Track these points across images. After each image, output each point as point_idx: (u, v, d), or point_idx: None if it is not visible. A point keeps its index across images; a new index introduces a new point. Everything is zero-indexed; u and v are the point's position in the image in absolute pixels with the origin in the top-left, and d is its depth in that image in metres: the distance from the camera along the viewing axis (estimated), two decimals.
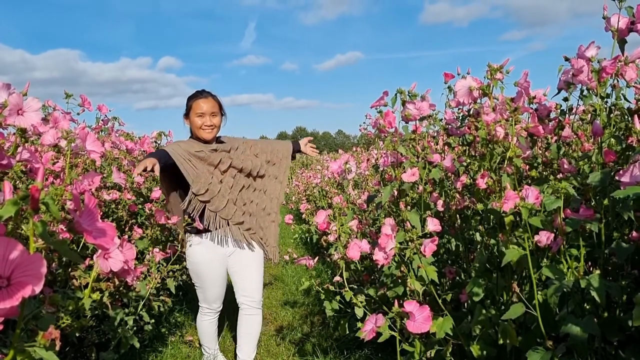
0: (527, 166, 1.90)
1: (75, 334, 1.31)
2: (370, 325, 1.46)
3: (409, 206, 2.07)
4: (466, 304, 1.93)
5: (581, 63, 1.56)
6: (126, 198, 2.69)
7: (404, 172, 1.89)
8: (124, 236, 1.20)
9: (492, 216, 1.65)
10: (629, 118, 1.49)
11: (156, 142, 3.83)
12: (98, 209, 0.77)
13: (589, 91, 1.64)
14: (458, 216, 2.07)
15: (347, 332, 2.33)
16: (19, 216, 0.64)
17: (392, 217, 1.80)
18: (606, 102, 1.54)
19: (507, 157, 1.51)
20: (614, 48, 1.50)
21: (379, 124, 1.84)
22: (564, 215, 1.43)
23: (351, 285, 2.29)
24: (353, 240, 1.79)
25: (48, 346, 0.76)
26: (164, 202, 2.65)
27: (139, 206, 3.00)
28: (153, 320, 2.53)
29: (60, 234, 1.57)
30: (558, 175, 1.82)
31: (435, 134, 2.41)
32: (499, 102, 1.61)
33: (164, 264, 2.44)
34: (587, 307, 1.49)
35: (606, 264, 1.55)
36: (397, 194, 2.03)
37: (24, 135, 1.16)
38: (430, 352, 1.68)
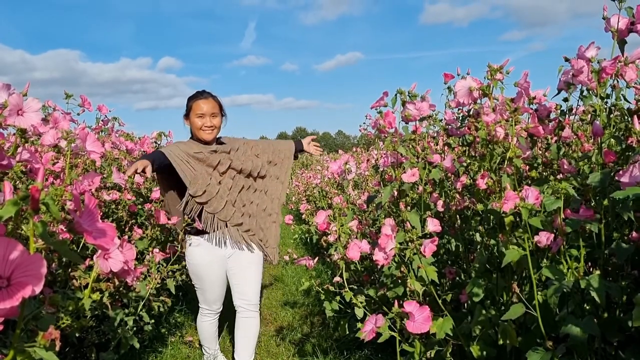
0: (527, 167, 1.90)
1: (75, 335, 1.31)
2: (370, 325, 1.47)
3: (409, 206, 2.07)
4: (466, 305, 1.93)
5: (581, 63, 1.56)
6: (126, 198, 2.69)
7: (404, 173, 1.89)
8: (124, 236, 1.20)
9: (492, 216, 1.65)
10: (629, 118, 1.49)
11: (156, 143, 3.83)
12: (98, 210, 0.77)
13: (589, 92, 1.64)
14: (458, 216, 2.07)
15: (347, 333, 2.33)
16: (19, 216, 0.64)
17: (392, 218, 1.80)
18: (606, 103, 1.55)
19: (507, 158, 1.51)
20: (614, 48, 1.50)
21: (379, 125, 1.84)
22: (564, 215, 1.43)
23: (351, 285, 2.29)
24: (353, 240, 1.79)
25: (48, 346, 0.76)
26: (162, 203, 2.64)
27: (139, 206, 3.01)
28: (153, 320, 2.53)
29: (60, 235, 1.57)
30: (558, 175, 1.82)
31: (435, 135, 2.41)
32: (499, 103, 1.61)
33: (164, 264, 2.44)
34: (587, 308, 1.49)
35: (606, 265, 1.55)
36: (397, 195, 2.03)
37: (24, 135, 1.16)
38: (430, 353, 1.69)
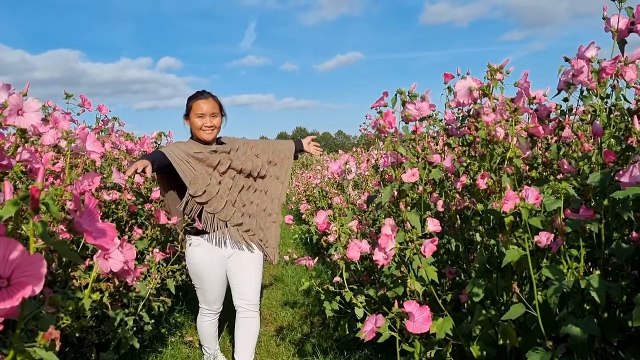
0: (527, 167, 1.90)
1: (75, 335, 1.31)
2: (370, 325, 1.47)
3: (409, 206, 2.07)
4: (466, 305, 1.93)
5: (581, 63, 1.56)
6: (126, 198, 2.70)
7: (404, 173, 1.89)
8: (124, 236, 1.20)
9: (492, 216, 1.65)
10: (629, 118, 1.49)
11: (156, 143, 3.83)
12: (98, 210, 0.77)
13: (589, 92, 1.64)
14: (458, 216, 2.07)
15: (347, 333, 2.33)
16: (19, 216, 0.64)
17: (392, 218, 1.80)
18: (606, 103, 1.55)
19: (507, 158, 1.51)
20: (614, 48, 1.50)
21: (379, 125, 1.84)
22: (564, 215, 1.43)
23: (351, 285, 2.29)
24: (353, 240, 1.79)
25: (48, 346, 0.76)
26: (162, 203, 2.64)
27: (139, 206, 3.01)
28: (153, 320, 2.53)
29: (60, 235, 1.57)
30: (558, 175, 1.82)
31: (435, 135, 2.41)
32: (499, 103, 1.61)
33: (164, 265, 2.44)
34: (587, 308, 1.49)
35: (606, 265, 1.55)
36: (397, 195, 2.03)
37: (24, 135, 1.16)
38: (430, 353, 1.68)
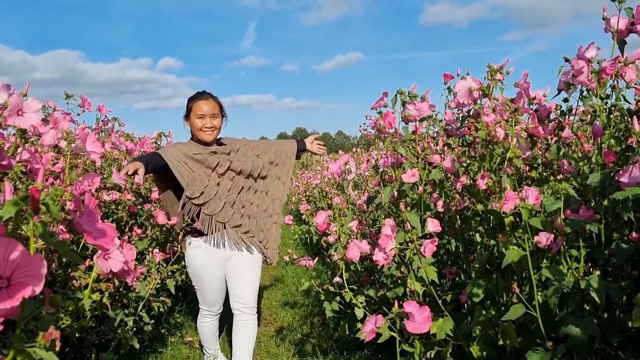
0: (527, 167, 1.90)
1: (75, 335, 1.31)
2: (370, 326, 1.46)
3: (409, 207, 2.07)
4: (466, 305, 1.93)
5: (581, 64, 1.56)
6: (126, 199, 2.70)
7: (404, 173, 1.89)
8: (124, 237, 1.20)
9: (492, 217, 1.65)
10: (629, 119, 1.49)
11: (156, 143, 3.83)
12: (98, 210, 0.77)
13: (589, 92, 1.64)
14: (458, 217, 2.07)
15: (347, 333, 2.33)
16: (20, 217, 0.64)
17: (392, 218, 1.80)
18: (606, 103, 1.55)
19: (507, 158, 1.51)
20: (614, 49, 1.50)
21: (379, 125, 1.84)
22: (564, 216, 1.43)
23: (351, 286, 2.29)
24: (353, 241, 1.79)
25: (48, 347, 0.76)
26: (161, 204, 2.63)
27: (139, 207, 3.01)
28: (153, 320, 2.53)
29: (60, 235, 1.57)
30: (558, 176, 1.82)
31: (435, 135, 2.41)
32: (499, 103, 1.62)
33: (164, 265, 2.44)
34: (587, 308, 1.49)
35: (606, 265, 1.55)
36: (397, 195, 2.03)
37: (24, 135, 1.16)
38: (430, 353, 1.68)
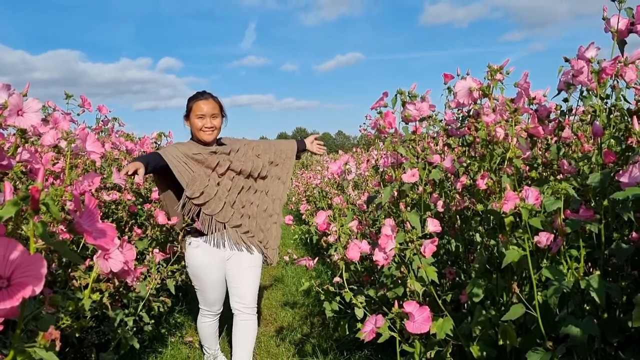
0: (527, 167, 1.90)
1: (75, 335, 1.31)
2: (370, 326, 1.46)
3: (409, 207, 2.07)
4: (466, 305, 1.93)
5: (581, 64, 1.56)
6: (126, 199, 2.70)
7: (404, 173, 1.89)
8: (124, 237, 1.20)
9: (492, 217, 1.65)
10: (629, 119, 1.49)
11: (156, 143, 3.83)
12: (98, 210, 0.77)
13: (589, 92, 1.64)
14: (458, 217, 2.07)
15: (347, 333, 2.33)
16: (20, 217, 0.64)
17: (392, 218, 1.80)
18: (606, 103, 1.55)
19: (507, 158, 1.51)
20: (614, 49, 1.50)
21: (379, 125, 1.84)
22: (564, 216, 1.43)
23: (351, 286, 2.29)
24: (353, 241, 1.79)
25: (48, 347, 0.76)
26: (161, 204, 2.63)
27: (139, 207, 3.01)
28: (153, 320, 2.53)
29: (60, 235, 1.57)
30: (558, 176, 1.82)
31: (435, 135, 2.41)
32: (499, 103, 1.62)
33: (164, 265, 2.44)
34: (587, 308, 1.49)
35: (606, 265, 1.55)
36: (397, 195, 2.03)
37: (24, 135, 1.16)
38: (430, 353, 1.68)
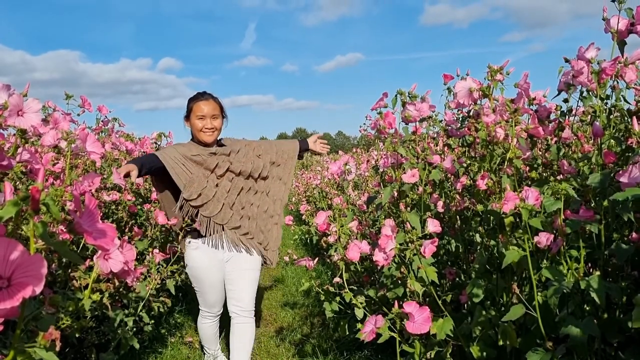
0: (527, 167, 1.90)
1: (75, 335, 1.31)
2: (370, 326, 1.46)
3: (409, 207, 2.07)
4: (466, 305, 1.93)
5: (581, 64, 1.56)
6: (126, 199, 2.70)
7: (404, 173, 1.89)
8: (124, 237, 1.20)
9: (492, 217, 1.65)
10: (629, 119, 1.49)
11: (156, 143, 3.83)
12: (98, 210, 0.77)
13: (589, 92, 1.64)
14: (458, 217, 2.07)
15: (347, 333, 2.33)
16: (20, 217, 0.64)
17: (392, 218, 1.80)
18: (606, 104, 1.55)
19: (507, 159, 1.51)
20: (614, 49, 1.50)
21: (379, 125, 1.84)
22: (564, 216, 1.43)
23: (351, 286, 2.29)
24: (353, 241, 1.79)
25: (48, 347, 0.76)
26: (159, 205, 2.63)
27: (139, 207, 3.01)
28: (153, 321, 2.53)
29: (60, 235, 1.57)
30: (558, 176, 1.82)
31: (435, 135, 2.41)
32: (499, 104, 1.62)
33: (164, 265, 2.43)
34: (587, 309, 1.49)
35: (606, 265, 1.55)
36: (397, 195, 2.03)
37: (24, 136, 1.16)
38: (430, 353, 1.68)
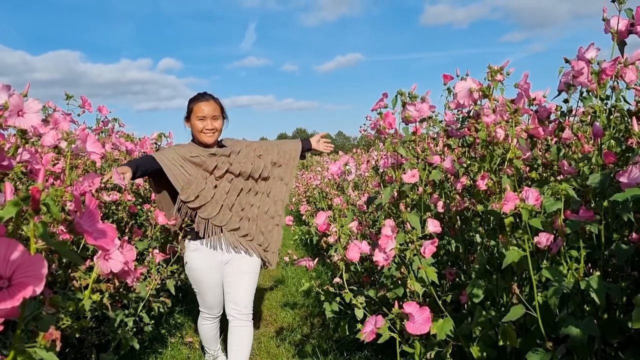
0: (527, 168, 1.90)
1: (75, 335, 1.31)
2: (370, 326, 1.46)
3: (409, 207, 2.07)
4: (466, 306, 1.93)
5: (581, 65, 1.56)
6: (126, 199, 2.70)
7: (404, 174, 1.89)
8: (124, 237, 1.20)
9: (492, 217, 1.65)
10: (629, 120, 1.49)
11: (156, 144, 3.84)
12: (98, 210, 0.77)
13: (589, 93, 1.64)
14: (458, 217, 2.07)
15: (347, 334, 2.33)
16: (20, 217, 0.64)
17: (392, 219, 1.80)
18: (606, 104, 1.55)
19: (507, 159, 1.51)
20: (614, 50, 1.50)
21: (379, 126, 1.84)
22: (564, 216, 1.43)
23: (351, 286, 2.29)
24: (353, 241, 1.79)
25: (48, 347, 0.76)
26: (157, 206, 2.62)
27: (139, 207, 3.01)
28: (153, 321, 2.53)
29: (60, 235, 1.57)
30: (558, 176, 1.82)
31: (435, 136, 2.41)
32: (499, 104, 1.62)
33: (164, 265, 2.43)
34: (587, 309, 1.49)
35: (606, 266, 1.55)
36: (397, 196, 2.03)
37: (25, 136, 1.16)
38: (430, 354, 1.68)
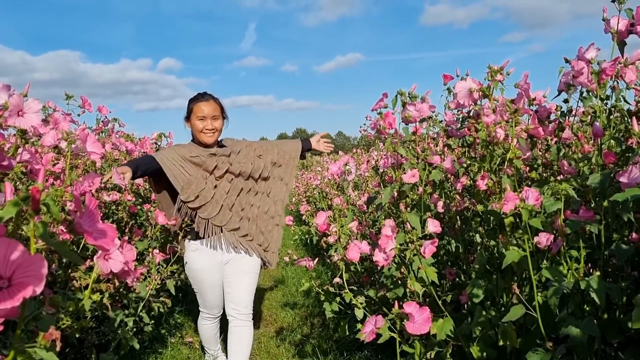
0: (527, 168, 1.90)
1: (75, 335, 1.31)
2: (370, 326, 1.46)
3: (409, 207, 2.07)
4: (466, 306, 1.93)
5: (581, 65, 1.56)
6: (126, 199, 2.70)
7: (404, 174, 1.89)
8: (124, 237, 1.20)
9: (492, 217, 1.65)
10: (629, 120, 1.49)
11: (156, 144, 3.84)
12: (98, 210, 0.77)
13: (589, 93, 1.64)
14: (458, 217, 2.07)
15: (347, 334, 2.33)
16: (20, 217, 0.64)
17: (392, 219, 1.80)
18: (606, 104, 1.55)
19: (507, 159, 1.51)
20: (614, 50, 1.50)
21: (379, 126, 1.84)
22: (564, 216, 1.43)
23: (351, 286, 2.29)
24: (353, 241, 1.79)
25: (48, 347, 0.76)
26: (157, 206, 2.62)
27: (139, 207, 3.01)
28: (153, 321, 2.53)
29: (60, 235, 1.57)
30: (558, 176, 1.82)
31: (435, 136, 2.41)
32: (499, 104, 1.62)
33: (164, 265, 2.43)
34: (587, 309, 1.49)
35: (606, 266, 1.55)
36: (397, 196, 2.03)
37: (24, 136, 1.16)
38: (430, 354, 1.69)
